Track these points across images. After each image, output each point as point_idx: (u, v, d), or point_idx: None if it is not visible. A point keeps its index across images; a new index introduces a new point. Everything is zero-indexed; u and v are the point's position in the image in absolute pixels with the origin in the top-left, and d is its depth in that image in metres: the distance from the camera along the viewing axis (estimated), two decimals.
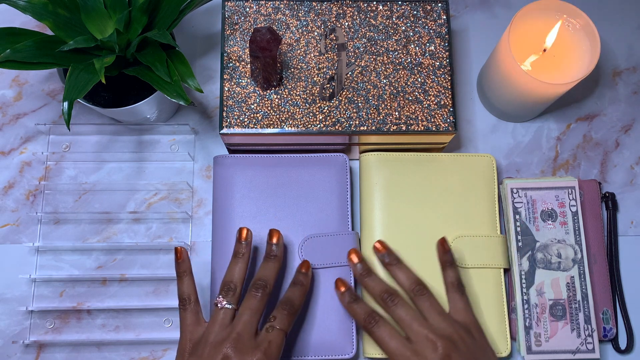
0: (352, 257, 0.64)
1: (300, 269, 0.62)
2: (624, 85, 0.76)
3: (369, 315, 0.59)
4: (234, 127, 0.64)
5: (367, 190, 0.69)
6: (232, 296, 0.58)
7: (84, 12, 0.61)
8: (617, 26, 0.78)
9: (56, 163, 0.72)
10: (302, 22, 0.68)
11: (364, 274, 0.63)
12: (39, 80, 0.75)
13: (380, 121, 0.65)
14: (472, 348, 0.57)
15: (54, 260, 0.69)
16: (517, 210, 0.68)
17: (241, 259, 0.60)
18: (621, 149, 0.74)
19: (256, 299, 0.57)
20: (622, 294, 0.69)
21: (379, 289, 0.61)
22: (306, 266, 0.63)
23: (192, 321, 0.58)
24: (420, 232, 0.67)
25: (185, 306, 0.59)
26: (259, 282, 0.59)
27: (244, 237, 0.61)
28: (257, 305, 0.57)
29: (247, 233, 0.61)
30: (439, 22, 0.68)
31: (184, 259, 0.61)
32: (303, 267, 0.62)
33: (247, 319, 0.56)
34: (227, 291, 0.58)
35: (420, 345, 0.56)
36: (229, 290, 0.58)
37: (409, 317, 0.59)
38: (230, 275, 0.59)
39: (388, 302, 0.60)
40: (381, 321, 0.59)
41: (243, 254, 0.60)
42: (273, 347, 0.55)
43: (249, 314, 0.56)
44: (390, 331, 0.58)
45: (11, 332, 0.67)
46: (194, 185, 0.72)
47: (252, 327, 0.56)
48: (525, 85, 0.65)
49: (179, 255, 0.61)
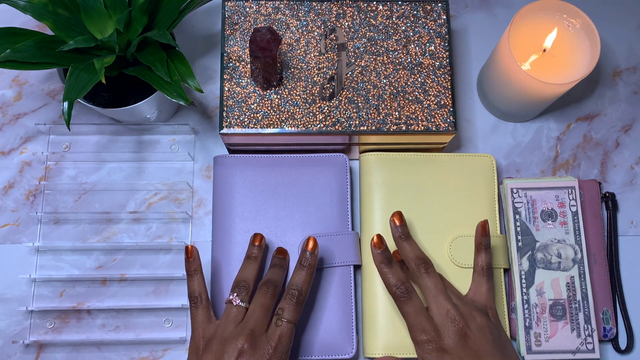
0: (395, 218, 0.63)
1: (306, 248, 0.61)
2: (624, 85, 0.76)
3: (401, 284, 0.59)
4: (234, 127, 0.64)
5: (367, 190, 0.69)
6: (246, 294, 0.59)
7: (84, 12, 0.61)
8: (617, 26, 0.78)
9: (56, 163, 0.72)
10: (302, 22, 0.68)
11: (403, 237, 0.62)
12: (39, 80, 0.75)
13: (380, 121, 0.65)
14: (489, 330, 0.58)
15: (54, 260, 0.69)
16: (517, 210, 0.68)
17: (254, 261, 0.61)
18: (621, 149, 0.74)
19: (267, 296, 0.58)
20: (622, 294, 0.69)
21: (414, 254, 0.61)
22: (313, 244, 0.61)
23: (204, 318, 0.59)
24: (420, 232, 0.67)
25: (196, 304, 0.59)
26: (268, 281, 0.59)
27: (258, 242, 0.63)
28: (268, 302, 0.58)
29: (260, 239, 0.63)
30: (439, 22, 0.68)
31: (194, 257, 0.61)
32: (309, 245, 0.61)
33: (259, 316, 0.57)
34: (241, 289, 0.59)
35: (440, 320, 0.57)
36: (242, 288, 0.59)
37: (437, 290, 0.59)
38: (243, 274, 0.60)
39: (421, 268, 0.60)
40: (413, 293, 0.59)
41: (256, 256, 0.62)
42: (284, 339, 0.57)
43: (260, 310, 0.57)
44: (419, 306, 0.58)
45: (11, 332, 0.67)
46: (194, 185, 0.72)
47: (264, 323, 0.57)
48: (525, 85, 0.65)
49: (189, 254, 0.61)
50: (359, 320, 0.67)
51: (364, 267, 0.67)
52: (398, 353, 0.64)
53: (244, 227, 0.67)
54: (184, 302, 0.68)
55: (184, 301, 0.68)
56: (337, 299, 0.65)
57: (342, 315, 0.65)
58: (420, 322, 0.57)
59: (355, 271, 0.68)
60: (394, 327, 0.64)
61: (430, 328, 0.57)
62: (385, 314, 0.65)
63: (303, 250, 0.61)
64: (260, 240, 0.63)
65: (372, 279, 0.66)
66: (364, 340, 0.65)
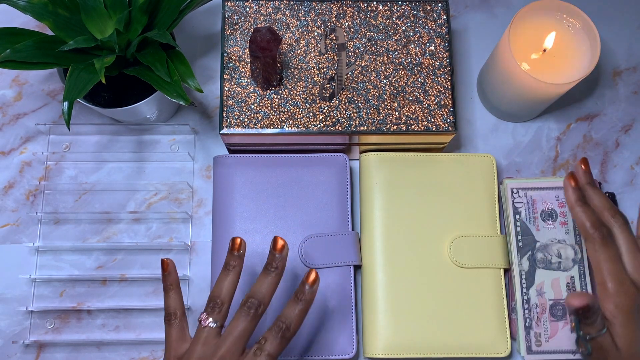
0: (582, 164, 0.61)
1: (306, 281, 0.54)
2: (624, 85, 0.76)
3: (599, 225, 0.56)
4: (234, 127, 0.64)
5: (367, 190, 0.69)
6: (218, 313, 0.53)
7: (84, 12, 0.61)
8: (617, 26, 0.78)
9: (56, 163, 0.72)
10: (302, 22, 0.68)
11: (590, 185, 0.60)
12: (39, 80, 0.75)
13: (380, 121, 0.65)
14: None
15: (54, 260, 0.69)
16: (517, 210, 0.68)
17: (232, 272, 0.55)
18: (621, 149, 0.74)
19: (246, 320, 0.52)
20: None
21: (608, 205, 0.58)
22: (313, 279, 0.54)
23: (177, 337, 0.55)
24: (421, 232, 0.67)
25: (170, 321, 0.55)
26: (252, 300, 0.53)
27: (237, 248, 0.55)
28: (246, 326, 0.52)
29: (240, 243, 0.55)
30: (439, 22, 0.68)
31: (169, 271, 0.57)
32: (310, 279, 0.54)
33: (232, 342, 0.52)
34: (213, 307, 0.53)
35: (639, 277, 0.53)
36: (214, 306, 0.53)
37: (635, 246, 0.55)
38: (218, 290, 0.54)
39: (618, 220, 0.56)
40: (610, 238, 0.55)
41: (234, 266, 0.55)
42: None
43: (235, 335, 0.52)
44: (614, 253, 0.55)
45: (11, 332, 0.67)
46: (194, 185, 0.72)
47: (237, 349, 0.52)
48: (525, 85, 0.65)
49: (165, 267, 0.57)
50: (359, 320, 0.67)
51: (364, 267, 0.67)
52: (398, 353, 0.64)
53: (244, 227, 0.67)
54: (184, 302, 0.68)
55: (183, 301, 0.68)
56: (337, 299, 0.65)
57: (342, 315, 0.65)
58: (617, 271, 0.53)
59: (355, 271, 0.68)
60: (394, 327, 0.64)
61: (627, 280, 0.53)
62: (385, 314, 0.65)
63: (302, 282, 0.54)
64: (240, 246, 0.55)
65: (372, 279, 0.66)
66: (364, 340, 0.65)
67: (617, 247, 0.55)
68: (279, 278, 0.54)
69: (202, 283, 0.68)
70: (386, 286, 0.65)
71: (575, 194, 0.58)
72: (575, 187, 0.58)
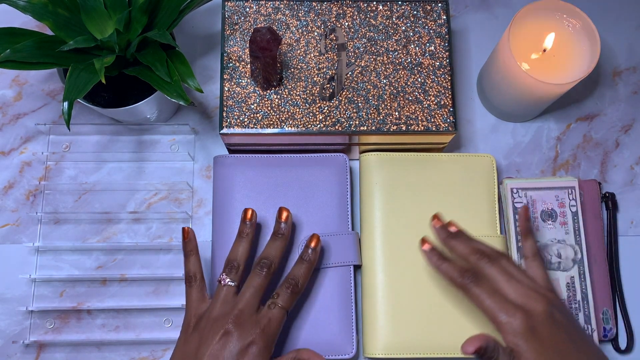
0: (435, 222, 0.63)
1: (309, 244, 0.62)
2: (624, 85, 0.76)
3: (465, 271, 0.57)
4: (234, 127, 0.64)
5: (367, 190, 0.69)
6: (235, 274, 0.59)
7: (84, 12, 0.61)
8: (617, 26, 0.78)
9: (56, 163, 0.72)
10: (302, 22, 0.68)
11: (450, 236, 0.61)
12: (39, 80, 0.75)
13: (380, 121, 0.65)
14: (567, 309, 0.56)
15: (54, 260, 0.69)
16: (517, 210, 0.68)
17: (245, 239, 0.61)
18: (621, 149, 0.74)
19: (260, 277, 0.59)
20: (622, 294, 0.69)
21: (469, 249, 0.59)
22: (315, 241, 0.62)
23: (197, 297, 0.60)
24: (421, 232, 0.67)
25: (190, 283, 0.60)
26: (264, 260, 0.60)
27: (249, 218, 0.62)
28: (261, 282, 0.59)
29: (252, 213, 0.62)
30: (439, 22, 0.68)
31: (190, 238, 0.62)
32: (312, 242, 0.62)
33: (249, 296, 0.58)
34: (231, 269, 0.59)
35: (523, 299, 0.54)
36: (232, 268, 0.59)
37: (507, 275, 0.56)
38: (234, 253, 0.61)
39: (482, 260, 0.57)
40: (480, 277, 0.56)
41: (247, 233, 0.61)
42: (273, 323, 0.57)
43: (251, 291, 0.58)
44: (491, 287, 0.55)
45: (11, 332, 0.67)
46: (194, 185, 0.72)
47: (253, 303, 0.58)
48: (525, 85, 0.65)
49: (185, 235, 0.62)
50: (359, 320, 0.67)
51: (364, 267, 0.67)
52: (398, 353, 0.64)
53: None
54: (184, 302, 0.68)
55: (183, 301, 0.68)
56: (337, 299, 0.65)
57: (342, 315, 0.65)
58: (501, 301, 0.54)
59: (355, 271, 0.68)
60: (394, 327, 0.64)
61: (512, 307, 0.53)
62: (385, 314, 0.65)
63: (306, 246, 0.62)
64: (252, 216, 0.62)
65: (372, 279, 0.66)
66: (364, 340, 0.65)
67: (491, 282, 0.56)
68: (286, 242, 0.62)
69: None
70: (386, 286, 0.65)
71: (434, 256, 0.60)
72: (431, 249, 0.60)
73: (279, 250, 0.61)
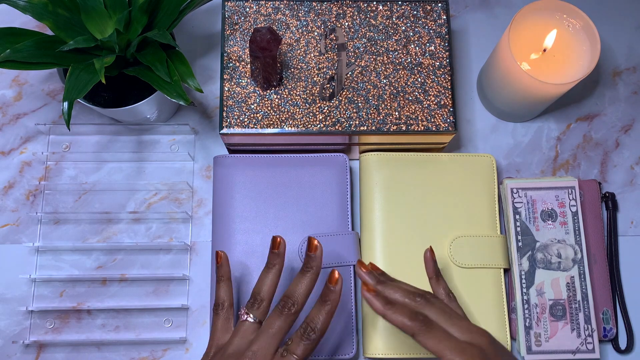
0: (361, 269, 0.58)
1: (329, 283, 0.54)
2: (624, 85, 0.76)
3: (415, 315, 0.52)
4: (234, 127, 0.64)
5: (367, 190, 0.69)
6: (257, 309, 0.56)
7: (84, 12, 0.61)
8: (617, 26, 0.78)
9: (56, 163, 0.72)
10: (302, 22, 0.68)
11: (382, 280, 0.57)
12: (39, 80, 0.75)
13: (380, 121, 0.65)
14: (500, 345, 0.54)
15: (54, 260, 0.69)
16: (517, 210, 0.68)
17: (272, 270, 0.57)
18: (621, 149, 0.74)
19: (280, 319, 0.54)
20: (622, 294, 0.69)
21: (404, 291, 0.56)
22: (335, 280, 0.54)
23: (222, 327, 0.58)
24: (421, 232, 0.67)
25: (217, 311, 0.58)
26: (288, 300, 0.54)
27: (277, 246, 0.57)
28: (281, 325, 0.54)
29: (280, 242, 0.58)
30: (439, 22, 0.68)
31: (222, 263, 0.60)
32: (332, 282, 0.54)
33: (266, 338, 0.53)
34: (253, 304, 0.56)
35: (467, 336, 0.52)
36: (255, 302, 0.56)
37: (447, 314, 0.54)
38: (260, 286, 0.57)
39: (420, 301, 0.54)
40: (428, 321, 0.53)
41: (275, 264, 0.57)
42: None
43: (269, 334, 0.53)
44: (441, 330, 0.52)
45: (11, 332, 0.67)
46: (194, 185, 0.72)
47: (270, 347, 0.53)
48: (525, 85, 0.65)
49: (218, 260, 0.60)
50: (359, 320, 0.67)
51: None
52: (398, 353, 0.64)
53: (244, 227, 0.67)
54: (184, 302, 0.68)
55: (183, 301, 0.68)
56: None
57: (342, 315, 0.65)
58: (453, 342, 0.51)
59: None
60: (393, 327, 0.64)
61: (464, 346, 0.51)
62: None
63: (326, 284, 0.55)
64: (280, 245, 0.57)
65: None
66: (364, 341, 0.65)
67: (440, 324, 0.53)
68: (315, 277, 0.56)
69: (202, 283, 0.68)
70: None
71: (377, 302, 0.54)
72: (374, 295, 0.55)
73: (306, 288, 0.55)
